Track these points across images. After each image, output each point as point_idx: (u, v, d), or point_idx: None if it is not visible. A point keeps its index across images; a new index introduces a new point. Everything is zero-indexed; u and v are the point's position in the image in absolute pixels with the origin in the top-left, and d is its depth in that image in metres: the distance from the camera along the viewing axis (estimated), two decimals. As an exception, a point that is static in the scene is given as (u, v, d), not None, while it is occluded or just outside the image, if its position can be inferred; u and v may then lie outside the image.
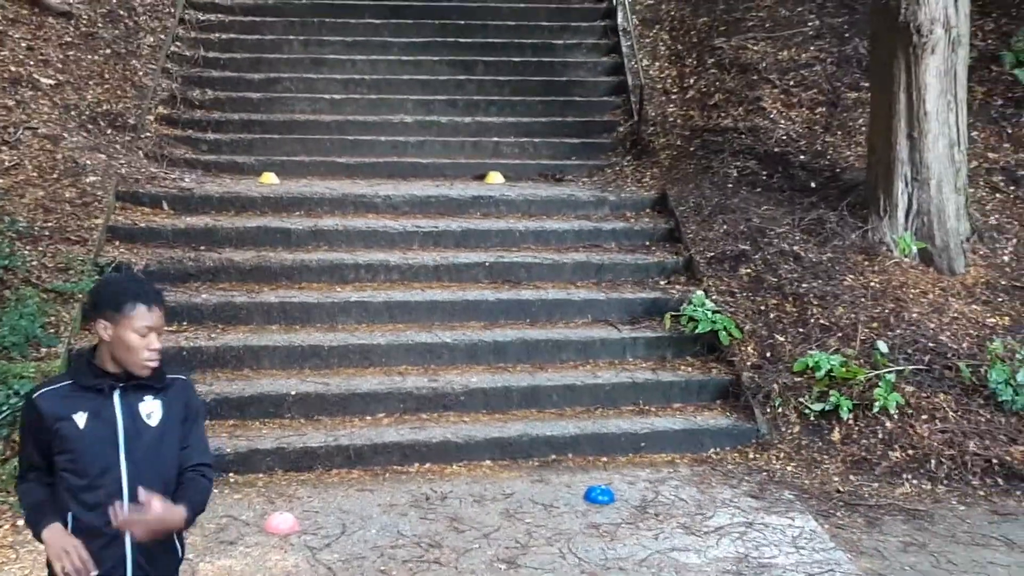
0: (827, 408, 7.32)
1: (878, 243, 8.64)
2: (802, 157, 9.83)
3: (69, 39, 10.32)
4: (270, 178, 9.65)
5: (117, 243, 8.26)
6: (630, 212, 9.67)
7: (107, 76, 10.16)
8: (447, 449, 6.97)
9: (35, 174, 8.47)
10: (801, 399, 7.43)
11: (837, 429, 7.28)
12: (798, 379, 7.54)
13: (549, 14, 12.51)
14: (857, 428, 7.26)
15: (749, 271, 8.49)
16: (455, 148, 10.60)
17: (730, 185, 9.52)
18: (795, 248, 8.60)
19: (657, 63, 11.72)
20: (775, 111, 10.41)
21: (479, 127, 10.88)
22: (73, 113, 9.44)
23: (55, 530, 3.17)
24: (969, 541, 6.16)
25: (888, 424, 7.23)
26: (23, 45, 9.88)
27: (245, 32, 11.73)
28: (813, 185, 9.40)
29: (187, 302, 7.82)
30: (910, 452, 7.09)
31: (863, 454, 7.13)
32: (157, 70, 10.53)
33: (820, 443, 7.26)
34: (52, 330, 7.06)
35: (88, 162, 8.79)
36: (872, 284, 8.25)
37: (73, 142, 8.99)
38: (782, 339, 7.85)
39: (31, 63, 9.73)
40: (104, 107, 9.73)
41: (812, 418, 7.36)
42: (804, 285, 8.24)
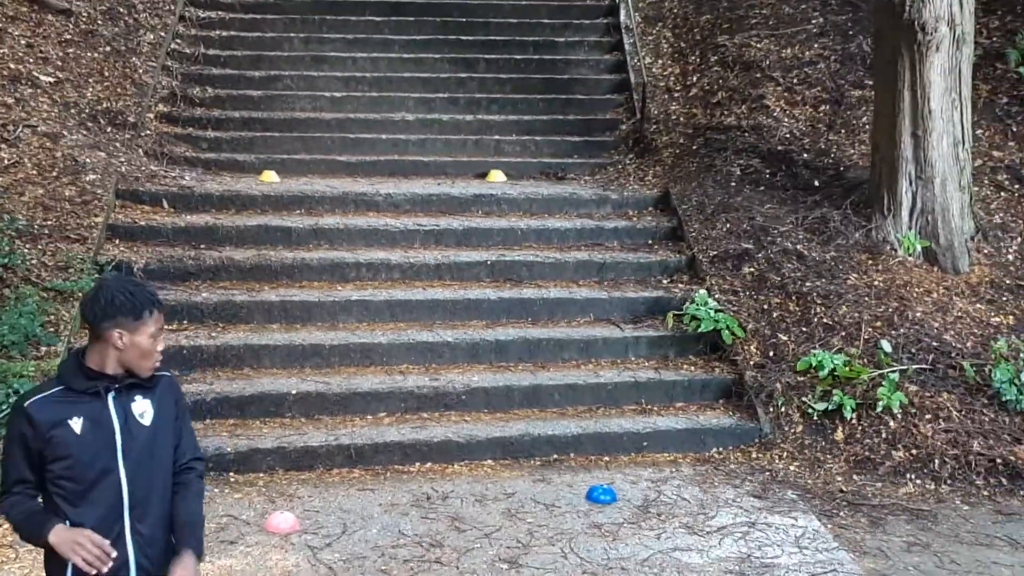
0: (830, 407, 7.29)
1: (882, 242, 8.60)
2: (805, 155, 9.80)
3: (69, 36, 10.29)
4: (271, 176, 9.63)
5: (117, 241, 8.24)
6: (632, 210, 9.63)
7: (107, 74, 10.13)
8: (448, 448, 6.94)
9: (35, 172, 8.44)
10: (804, 398, 7.40)
11: (840, 428, 7.25)
12: (801, 378, 7.51)
13: (551, 11, 12.47)
14: (860, 428, 7.23)
15: (752, 270, 8.46)
16: (456, 146, 10.56)
17: (733, 183, 9.48)
18: (798, 247, 8.57)
19: (660, 61, 11.68)
20: (778, 109, 10.37)
21: (481, 125, 10.85)
22: (73, 111, 9.42)
23: (61, 529, 3.12)
24: (973, 541, 6.13)
25: (892, 424, 7.19)
26: (22, 42, 9.85)
27: (245, 29, 11.70)
28: (816, 183, 9.36)
29: (187, 301, 7.79)
30: (914, 452, 7.06)
31: (866, 454, 7.10)
32: (157, 68, 10.51)
33: (823, 443, 7.22)
34: (52, 329, 7.04)
35: (88, 160, 8.76)
36: (876, 283, 8.22)
37: (73, 140, 8.96)
38: (785, 338, 7.82)
39: (30, 60, 9.71)
40: (104, 105, 9.71)
41: (815, 417, 7.33)
42: (807, 284, 8.20)
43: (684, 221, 9.15)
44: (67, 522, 3.15)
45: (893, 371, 7.39)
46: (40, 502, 3.22)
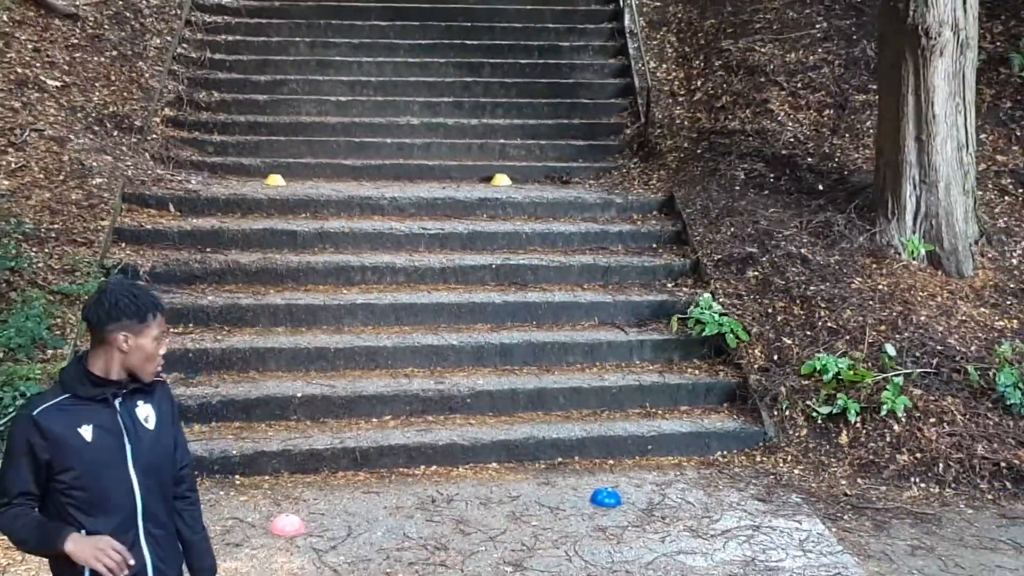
0: (835, 411, 7.30)
1: (886, 246, 8.61)
2: (810, 159, 9.81)
3: (75, 41, 10.33)
4: (276, 180, 9.66)
5: (123, 245, 8.26)
6: (637, 214, 9.65)
7: (113, 78, 10.17)
8: (453, 451, 6.95)
9: (41, 176, 8.47)
10: (808, 402, 7.41)
11: (845, 432, 7.26)
12: (805, 382, 7.52)
13: (555, 16, 12.50)
14: (865, 431, 7.24)
15: (756, 274, 8.47)
16: (461, 150, 10.59)
17: (737, 187, 9.50)
18: (803, 251, 8.58)
19: (664, 65, 11.70)
20: (783, 113, 10.38)
21: (485, 129, 10.87)
22: (79, 115, 9.45)
23: (79, 537, 3.06)
24: (977, 545, 6.13)
25: (896, 427, 7.20)
26: (29, 47, 9.89)
27: (251, 34, 11.74)
28: (821, 188, 9.37)
29: (193, 304, 7.82)
30: (918, 455, 7.06)
31: (871, 457, 7.10)
32: (163, 72, 10.54)
33: (827, 446, 7.23)
34: (58, 332, 7.06)
35: (94, 164, 8.79)
36: (880, 287, 8.22)
37: (79, 144, 8.99)
38: (789, 342, 7.83)
39: (37, 65, 9.74)
40: (110, 109, 9.74)
41: (819, 421, 7.33)
42: (812, 288, 8.21)
43: (688, 225, 9.16)
44: (83, 531, 3.09)
45: (897, 375, 7.40)
46: (42, 515, 3.15)
